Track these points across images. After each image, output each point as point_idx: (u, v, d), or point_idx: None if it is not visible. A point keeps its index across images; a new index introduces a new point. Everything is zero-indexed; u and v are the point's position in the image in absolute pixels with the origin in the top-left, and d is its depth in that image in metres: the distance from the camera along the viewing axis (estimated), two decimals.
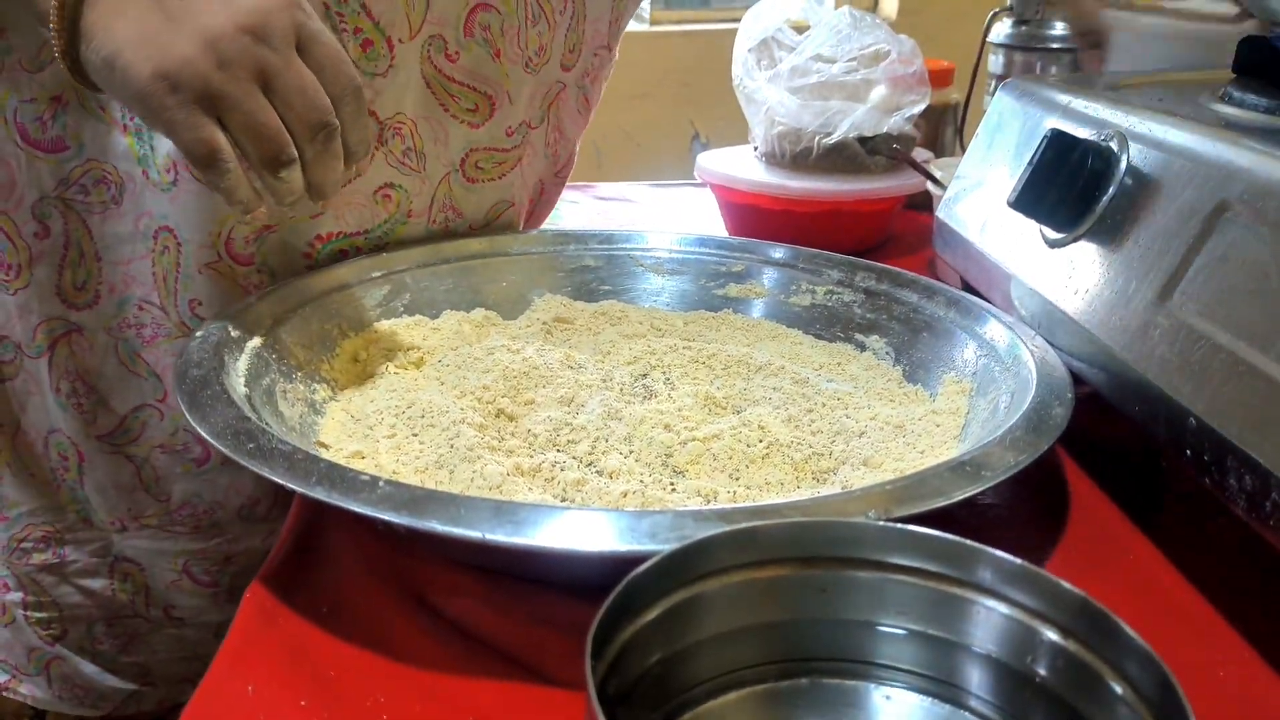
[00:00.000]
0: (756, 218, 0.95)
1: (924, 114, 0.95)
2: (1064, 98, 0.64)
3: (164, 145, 0.63)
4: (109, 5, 0.49)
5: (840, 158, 0.94)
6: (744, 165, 0.98)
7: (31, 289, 0.67)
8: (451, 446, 0.52)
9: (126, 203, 0.65)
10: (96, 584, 0.75)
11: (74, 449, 0.71)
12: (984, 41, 1.08)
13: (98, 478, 0.72)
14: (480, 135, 0.73)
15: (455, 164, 0.72)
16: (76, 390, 0.70)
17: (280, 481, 0.42)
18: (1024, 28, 1.01)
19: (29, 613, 0.75)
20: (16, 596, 0.75)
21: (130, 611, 0.76)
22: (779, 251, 0.76)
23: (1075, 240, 0.56)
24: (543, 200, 0.85)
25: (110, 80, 0.50)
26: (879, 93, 0.91)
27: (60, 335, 0.68)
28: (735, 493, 0.51)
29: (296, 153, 0.52)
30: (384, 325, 0.67)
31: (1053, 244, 0.58)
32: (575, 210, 1.14)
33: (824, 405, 0.60)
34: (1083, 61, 0.97)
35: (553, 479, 0.51)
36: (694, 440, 0.54)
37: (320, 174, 0.54)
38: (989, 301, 0.65)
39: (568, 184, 0.88)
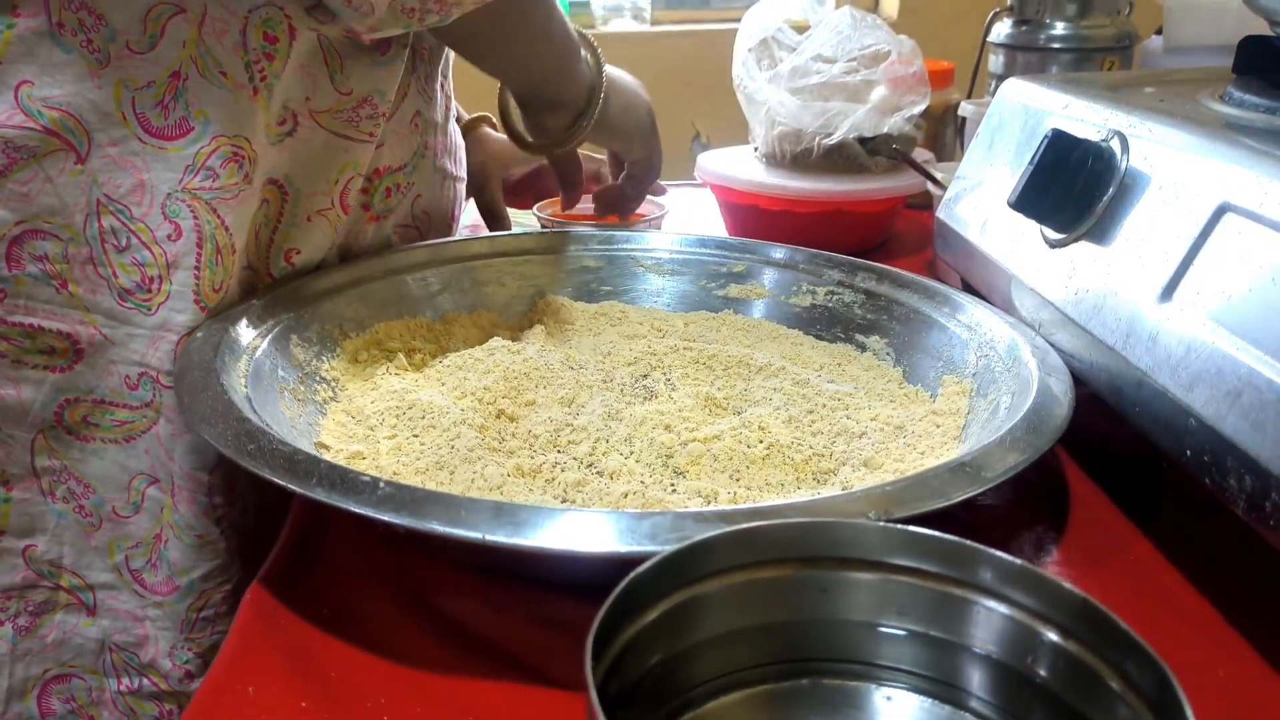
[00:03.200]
0: (757, 218, 0.95)
1: (924, 114, 0.95)
2: (1064, 98, 0.64)
3: (281, 95, 0.61)
4: (611, 79, 0.77)
5: (840, 158, 0.94)
6: (744, 166, 0.98)
7: (170, 301, 0.60)
8: (452, 447, 0.52)
9: (258, 180, 0.62)
10: None
11: (239, 473, 0.64)
12: (984, 41, 1.08)
13: (253, 498, 0.66)
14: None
15: (441, 80, 0.75)
16: None
17: (280, 482, 0.42)
18: (1025, 27, 1.02)
19: None
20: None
21: None
22: (779, 252, 0.76)
23: (1075, 240, 0.56)
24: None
25: (626, 122, 0.81)
26: (879, 93, 0.91)
27: None
28: (735, 493, 0.51)
29: None
30: (384, 325, 0.67)
31: (1053, 244, 0.58)
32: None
33: (824, 406, 0.60)
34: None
35: (553, 480, 0.51)
36: (694, 441, 0.54)
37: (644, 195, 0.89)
38: (989, 302, 0.65)
39: None
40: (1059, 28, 1.00)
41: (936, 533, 0.35)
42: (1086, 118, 0.60)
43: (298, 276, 0.66)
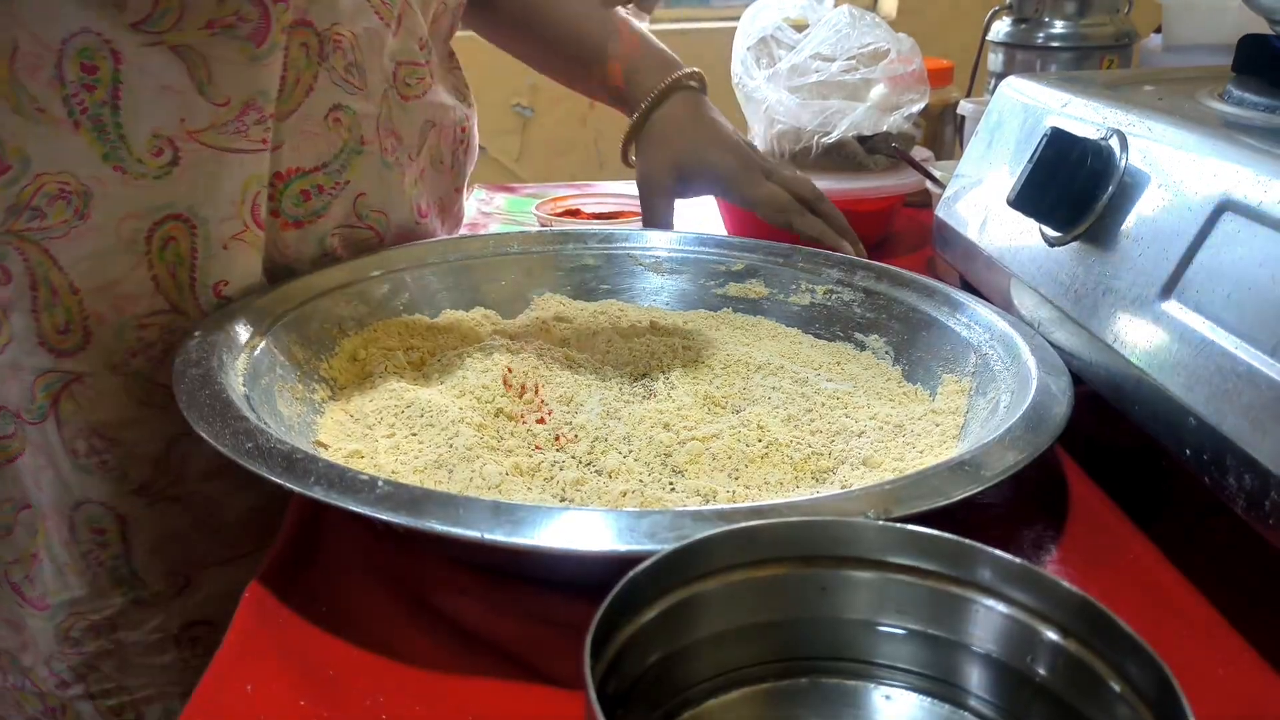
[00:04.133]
0: (756, 217, 0.95)
1: (923, 113, 0.95)
2: (1064, 96, 0.64)
3: (143, 128, 0.57)
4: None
5: (839, 157, 0.94)
6: None
7: (15, 344, 0.58)
8: (450, 446, 0.52)
9: (97, 213, 0.57)
10: (165, 659, 0.67)
11: (111, 516, 0.63)
12: (984, 40, 1.08)
13: (146, 538, 0.64)
14: (398, 46, 0.69)
15: (390, 78, 0.69)
16: (95, 447, 0.61)
17: (279, 481, 0.42)
18: (1024, 26, 1.01)
19: (97, 702, 0.67)
20: (79, 689, 0.67)
21: None
22: (778, 250, 0.76)
23: (1075, 239, 0.56)
24: (467, 156, 0.82)
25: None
26: (878, 92, 0.91)
27: (60, 389, 0.60)
28: (734, 492, 0.51)
29: None
30: (383, 324, 0.67)
31: (1052, 242, 0.58)
32: None
33: (823, 405, 0.60)
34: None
35: (552, 478, 0.51)
36: (693, 440, 0.54)
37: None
38: (988, 300, 0.65)
39: (569, 183, 0.88)
40: (1058, 26, 1.00)
41: (935, 531, 0.35)
42: (1086, 116, 0.60)
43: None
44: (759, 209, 0.81)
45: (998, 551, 0.34)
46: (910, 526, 0.36)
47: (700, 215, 1.06)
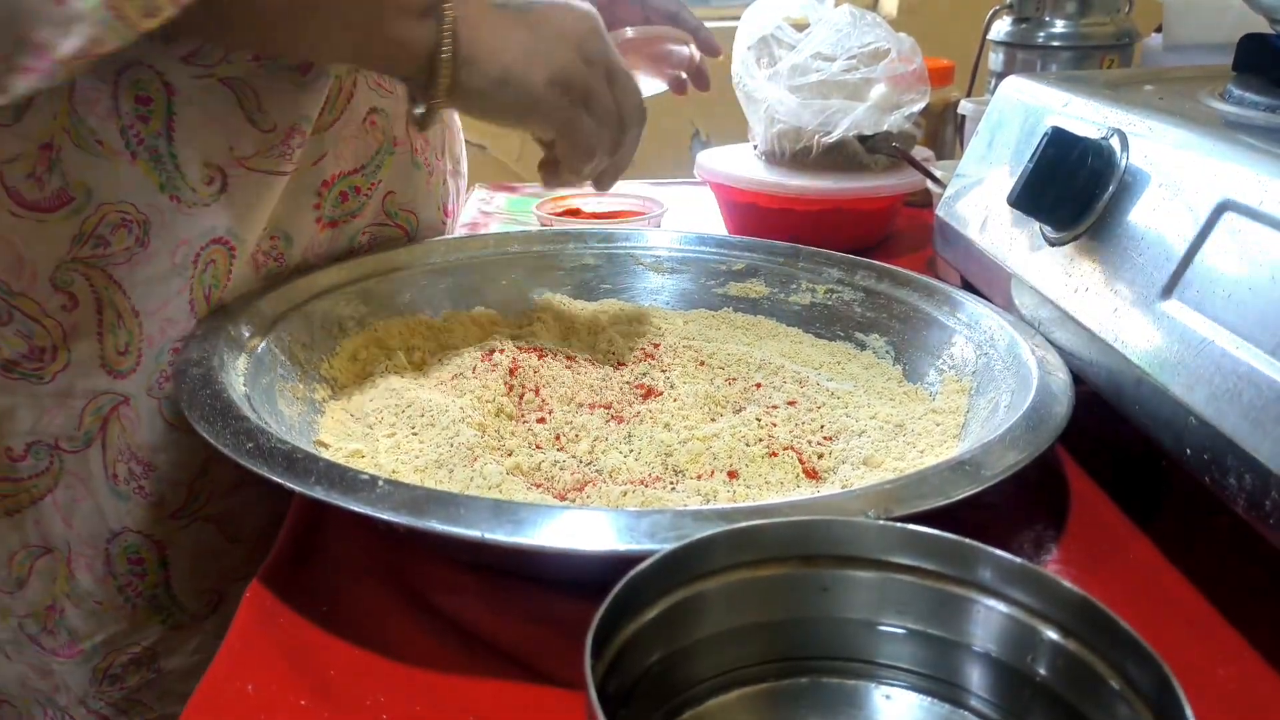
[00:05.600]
0: (756, 216, 0.95)
1: (924, 112, 0.95)
2: (1064, 96, 0.64)
3: (195, 157, 0.58)
4: (488, 34, 0.56)
5: (840, 156, 0.93)
6: (744, 164, 0.98)
7: (72, 369, 0.59)
8: (451, 446, 0.52)
9: (155, 241, 0.58)
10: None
11: (149, 544, 0.63)
12: (984, 39, 1.08)
13: (184, 561, 0.64)
14: None
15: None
16: (134, 473, 0.61)
17: (279, 481, 0.42)
18: (1024, 25, 1.01)
19: None
20: None
21: None
22: (779, 250, 0.76)
23: (1075, 239, 0.56)
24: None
25: (502, 94, 0.57)
26: (879, 91, 0.91)
27: (110, 411, 0.60)
28: (735, 492, 0.51)
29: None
30: (383, 324, 0.67)
31: (1053, 242, 0.58)
32: None
33: (824, 404, 0.60)
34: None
35: (552, 478, 0.51)
36: (694, 439, 0.54)
37: (628, 153, 0.64)
38: (989, 300, 0.65)
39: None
40: (1059, 25, 1.00)
41: (936, 531, 0.35)
42: (1086, 115, 0.60)
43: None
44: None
45: (998, 551, 0.34)
46: (910, 526, 0.36)
47: (701, 215, 1.06)
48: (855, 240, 0.92)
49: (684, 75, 0.90)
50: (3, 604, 0.63)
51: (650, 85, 0.92)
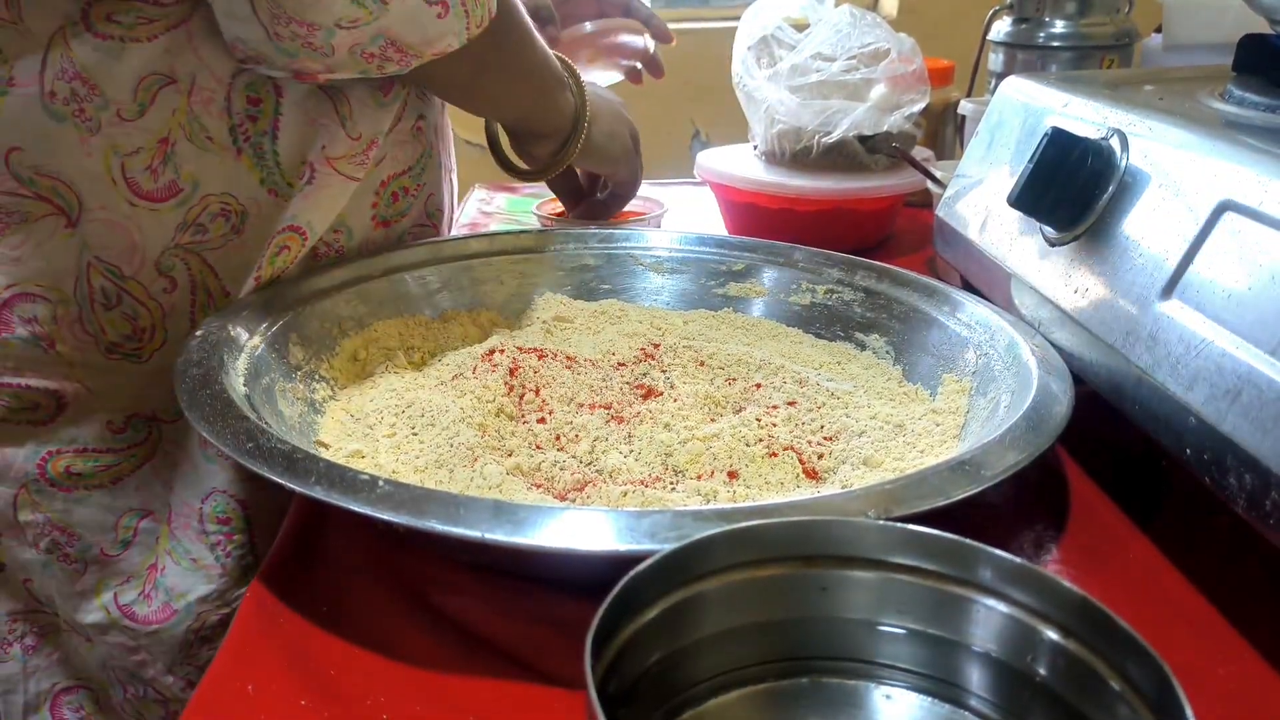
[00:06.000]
0: (756, 216, 0.95)
1: (924, 112, 0.95)
2: (1064, 96, 0.64)
3: (294, 154, 0.63)
4: (593, 104, 0.76)
5: (840, 156, 0.93)
6: (744, 164, 0.98)
7: (168, 347, 0.63)
8: (451, 446, 0.52)
9: (250, 231, 0.63)
10: None
11: (233, 504, 0.66)
12: (984, 40, 1.07)
13: (266, 522, 0.67)
14: None
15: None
16: None
17: (280, 481, 0.42)
18: (1024, 25, 1.01)
19: None
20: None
21: None
22: (779, 250, 0.76)
23: (1075, 239, 0.56)
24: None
25: (610, 147, 0.80)
26: (879, 91, 0.91)
27: None
28: (735, 492, 0.51)
29: None
30: (384, 324, 0.67)
31: (1053, 242, 0.58)
32: None
33: (824, 404, 0.60)
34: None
35: (552, 478, 0.51)
36: (694, 439, 0.54)
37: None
38: (989, 300, 0.65)
39: None
40: (1059, 26, 1.00)
41: (936, 531, 0.35)
42: (1086, 116, 0.60)
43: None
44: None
45: (998, 551, 0.34)
46: (910, 526, 0.36)
47: (701, 215, 1.06)
48: (855, 240, 0.93)
49: (639, 65, 0.98)
50: (105, 573, 0.65)
51: (606, 76, 0.97)
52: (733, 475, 0.52)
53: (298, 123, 0.63)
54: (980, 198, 0.69)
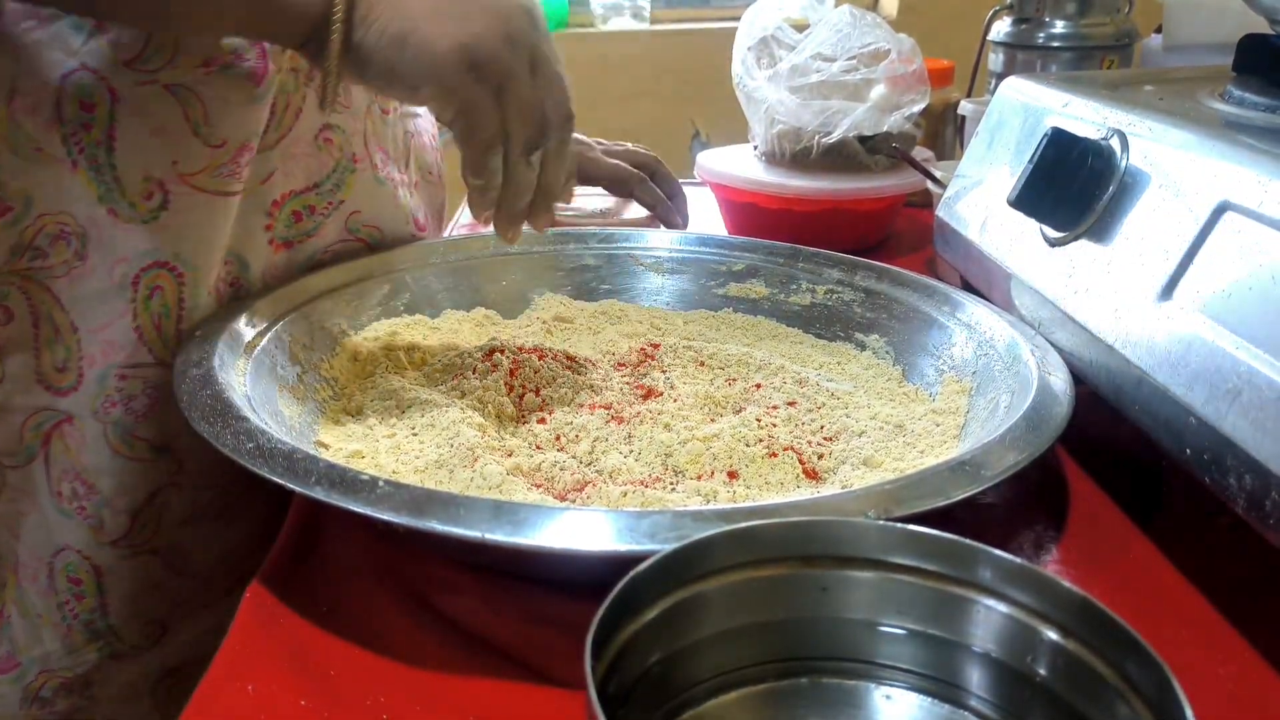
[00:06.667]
0: (756, 217, 0.95)
1: (924, 113, 0.95)
2: (1064, 96, 0.64)
3: (136, 169, 0.56)
4: None
5: (840, 157, 0.93)
6: (744, 164, 0.98)
7: (7, 384, 0.57)
8: (451, 446, 0.52)
9: (94, 255, 0.56)
10: (139, 709, 0.64)
11: (87, 566, 0.61)
12: (984, 40, 1.08)
13: (122, 591, 0.62)
14: None
15: (369, 94, 0.67)
16: (77, 492, 0.60)
17: (280, 481, 0.42)
18: (1024, 26, 1.01)
19: None
20: None
21: None
22: (779, 250, 0.76)
23: (1075, 239, 0.56)
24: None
25: (399, 57, 0.51)
26: (879, 92, 0.91)
27: (51, 428, 0.59)
28: (735, 492, 0.51)
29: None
30: (384, 325, 0.67)
31: (1053, 242, 0.58)
32: None
33: (824, 405, 0.60)
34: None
35: (552, 479, 0.51)
36: (694, 440, 0.54)
37: (555, 171, 0.56)
38: (989, 300, 0.65)
39: None
40: (1059, 26, 1.00)
41: (936, 531, 0.35)
42: (1086, 116, 0.60)
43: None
44: (603, 182, 0.87)
45: (998, 551, 0.34)
46: (910, 526, 0.36)
47: (701, 215, 1.06)
48: (855, 240, 0.92)
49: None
50: None
51: (597, 201, 0.97)
52: (733, 475, 0.52)
53: (136, 131, 0.56)
54: (980, 198, 0.69)
